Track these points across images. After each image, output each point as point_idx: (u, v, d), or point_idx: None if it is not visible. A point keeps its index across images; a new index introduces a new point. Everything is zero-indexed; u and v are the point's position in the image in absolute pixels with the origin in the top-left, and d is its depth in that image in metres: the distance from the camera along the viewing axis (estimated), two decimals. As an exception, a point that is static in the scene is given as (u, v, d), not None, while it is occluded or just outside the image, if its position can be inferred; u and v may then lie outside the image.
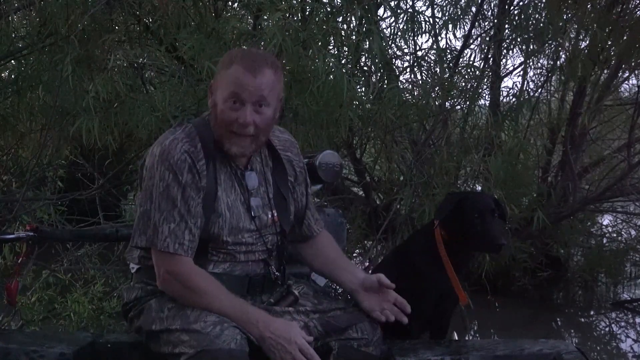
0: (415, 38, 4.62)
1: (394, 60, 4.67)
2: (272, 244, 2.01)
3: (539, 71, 4.92)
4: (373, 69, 4.46)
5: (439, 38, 4.55)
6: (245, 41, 3.77)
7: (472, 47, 4.83)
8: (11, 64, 4.22)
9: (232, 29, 3.68)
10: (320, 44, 3.47)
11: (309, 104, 3.52)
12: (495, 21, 4.74)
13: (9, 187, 4.46)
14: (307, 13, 3.89)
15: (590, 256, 5.57)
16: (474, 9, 4.76)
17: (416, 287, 2.26)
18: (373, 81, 4.40)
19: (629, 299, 5.40)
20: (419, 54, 4.69)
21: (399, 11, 4.13)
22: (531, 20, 4.37)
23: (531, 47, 4.60)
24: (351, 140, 4.83)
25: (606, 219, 6.25)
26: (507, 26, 4.64)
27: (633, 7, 4.61)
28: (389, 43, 4.31)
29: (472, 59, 4.78)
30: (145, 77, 4.31)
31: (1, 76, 4.41)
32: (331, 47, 3.77)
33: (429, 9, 4.56)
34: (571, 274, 5.62)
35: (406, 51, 4.71)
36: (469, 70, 4.56)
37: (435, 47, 4.55)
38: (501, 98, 4.80)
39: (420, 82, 4.71)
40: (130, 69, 4.14)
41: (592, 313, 5.39)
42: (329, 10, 3.76)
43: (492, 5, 4.93)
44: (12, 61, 4.16)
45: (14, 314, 3.68)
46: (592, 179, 5.51)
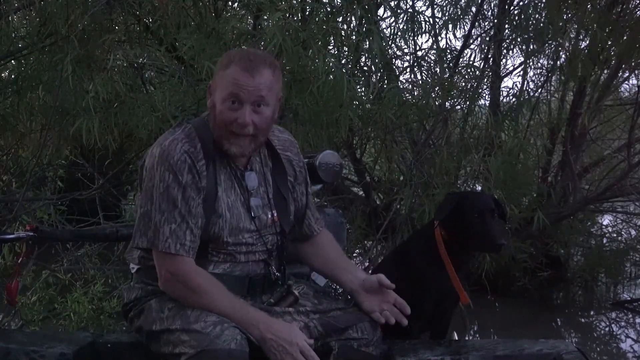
0: (415, 38, 4.62)
1: (394, 60, 4.67)
2: (272, 244, 2.01)
3: (539, 71, 4.92)
4: (373, 69, 4.46)
5: (439, 38, 4.55)
6: (245, 41, 3.77)
7: (472, 47, 4.83)
8: (11, 64, 4.22)
9: (232, 29, 3.68)
10: (320, 44, 3.47)
11: (309, 104, 3.52)
12: (495, 21, 4.74)
13: (9, 187, 4.46)
14: (307, 13, 3.89)
15: (590, 256, 5.55)
16: (474, 9, 4.77)
17: (416, 287, 2.26)
18: (373, 81, 4.40)
19: (629, 299, 5.40)
20: (419, 54, 4.69)
21: (399, 11, 4.13)
22: (531, 20, 4.37)
23: (531, 47, 4.60)
24: (351, 140, 4.83)
25: (606, 219, 6.24)
26: (507, 26, 4.64)
27: (633, 7, 4.61)
28: (389, 43, 4.31)
29: (472, 59, 4.78)
30: (145, 77, 4.31)
31: (1, 76, 4.41)
32: (331, 47, 3.77)
33: (429, 9, 4.57)
34: (571, 274, 5.61)
35: (406, 51, 4.72)
36: (469, 70, 4.55)
37: (435, 47, 4.55)
38: (501, 98, 4.80)
39: (420, 82, 4.71)
40: (130, 69, 4.14)
41: (592, 313, 5.38)
42: (329, 10, 3.76)
43: (492, 5, 4.93)
44: (12, 61, 4.15)
45: (14, 314, 3.67)
46: (592, 179, 5.50)
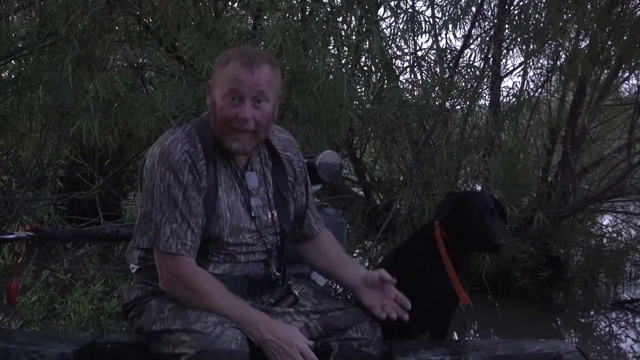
0: (415, 38, 4.63)
1: (394, 60, 4.67)
2: (272, 245, 2.01)
3: (539, 71, 4.93)
4: (373, 69, 4.46)
5: (439, 38, 4.55)
6: (245, 41, 3.77)
7: (472, 47, 4.83)
8: (11, 64, 4.23)
9: (232, 29, 3.69)
10: (320, 44, 3.47)
11: (309, 104, 3.52)
12: (495, 21, 4.74)
13: (9, 187, 4.46)
14: (307, 13, 3.89)
15: (590, 256, 5.55)
16: (474, 9, 4.77)
17: (416, 287, 2.25)
18: (373, 81, 4.40)
19: (629, 299, 5.40)
20: (419, 54, 4.70)
21: (399, 11, 4.13)
22: (531, 20, 4.37)
23: (531, 47, 4.61)
24: (351, 140, 4.83)
25: (606, 219, 6.24)
26: (507, 26, 4.65)
27: (633, 7, 4.61)
28: (389, 43, 4.31)
29: (472, 59, 4.79)
30: (145, 77, 4.32)
31: (1, 76, 4.41)
32: (331, 47, 3.77)
33: (429, 9, 4.57)
34: (571, 274, 5.61)
35: (406, 51, 4.72)
36: (469, 70, 4.56)
37: (435, 47, 4.55)
38: (501, 98, 4.81)
39: (420, 82, 4.71)
40: (130, 69, 4.15)
41: (592, 313, 5.38)
42: (329, 10, 3.76)
43: (492, 5, 4.94)
44: (12, 61, 4.16)
45: (14, 314, 3.67)
46: (592, 179, 5.50)
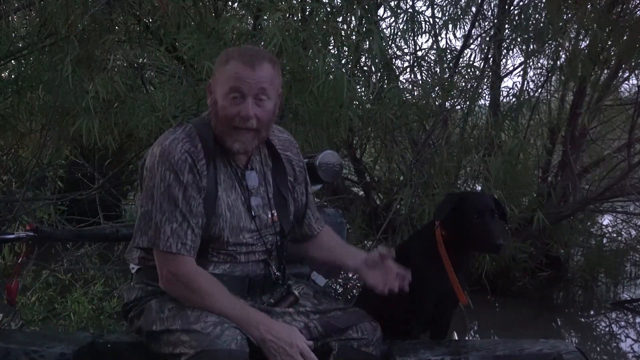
0: (415, 38, 4.64)
1: (394, 60, 4.68)
2: (272, 244, 2.01)
3: (539, 71, 4.94)
4: (373, 69, 4.46)
5: (439, 38, 4.56)
6: (245, 41, 3.77)
7: (472, 47, 4.84)
8: (11, 64, 4.23)
9: (232, 29, 3.69)
10: (320, 44, 3.47)
11: (309, 104, 3.52)
12: (495, 21, 4.75)
13: (9, 187, 4.46)
14: (307, 13, 3.89)
15: (590, 256, 5.56)
16: (474, 9, 4.77)
17: (416, 287, 2.25)
18: (373, 81, 4.40)
19: (629, 299, 5.40)
20: (419, 54, 4.70)
21: (399, 11, 4.13)
22: (531, 20, 4.37)
23: (531, 47, 4.61)
24: (351, 140, 4.84)
25: (606, 219, 6.24)
26: (507, 26, 4.65)
27: (633, 7, 4.61)
28: (389, 43, 4.31)
29: (472, 59, 4.79)
30: (145, 77, 4.32)
31: (1, 76, 4.41)
32: (331, 47, 3.77)
33: (429, 9, 4.58)
34: (571, 274, 5.61)
35: (406, 51, 4.73)
36: (469, 70, 4.56)
37: (435, 47, 4.56)
38: (501, 98, 4.81)
39: (420, 82, 4.72)
40: (130, 69, 4.14)
41: (592, 313, 5.38)
42: (329, 10, 3.76)
43: (492, 5, 4.94)
44: (12, 61, 4.16)
45: (14, 314, 3.68)
46: (592, 179, 5.50)
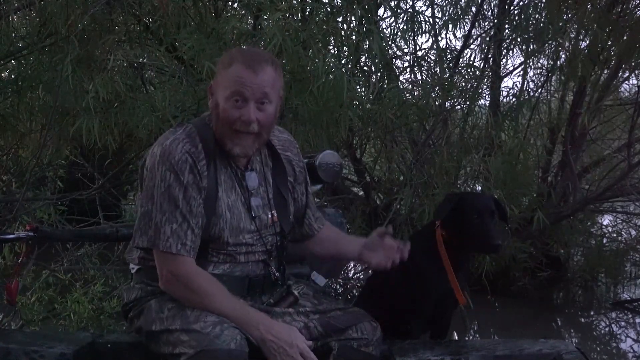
0: (415, 38, 4.64)
1: (394, 60, 4.68)
2: (272, 245, 2.01)
3: (539, 71, 4.94)
4: (373, 69, 4.46)
5: (439, 38, 4.56)
6: (245, 41, 3.77)
7: (472, 47, 4.84)
8: (11, 64, 4.23)
9: (232, 29, 3.68)
10: (320, 44, 3.47)
11: (309, 104, 3.52)
12: (495, 21, 4.75)
13: (9, 187, 4.46)
14: (307, 13, 3.89)
15: (590, 256, 5.55)
16: (474, 9, 4.77)
17: (417, 287, 2.26)
18: (373, 81, 4.40)
19: (629, 299, 5.39)
20: (419, 54, 4.70)
21: (399, 11, 4.14)
22: (531, 20, 4.37)
23: (531, 47, 4.61)
24: (351, 140, 4.84)
25: (606, 219, 6.24)
26: (507, 26, 4.65)
27: (633, 7, 4.61)
28: (389, 43, 4.31)
29: (472, 59, 4.79)
30: (145, 77, 4.32)
31: (1, 76, 4.41)
32: (331, 47, 3.77)
33: (429, 9, 4.58)
34: (571, 274, 5.61)
35: (406, 51, 4.73)
36: (469, 70, 4.56)
37: (435, 47, 4.56)
38: (501, 98, 4.81)
39: (420, 82, 4.72)
40: (130, 69, 4.14)
41: (592, 313, 5.38)
42: (329, 10, 3.76)
43: (492, 5, 4.94)
44: (12, 61, 4.16)
45: (14, 314, 3.68)
46: (592, 179, 5.50)
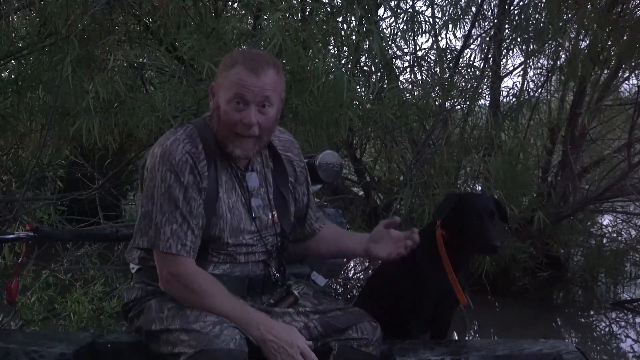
0: (415, 38, 4.64)
1: (394, 60, 4.68)
2: (272, 245, 2.01)
3: (539, 71, 4.94)
4: (373, 69, 4.47)
5: (439, 38, 4.57)
6: (245, 41, 3.78)
7: (472, 47, 4.84)
8: (11, 64, 4.23)
9: (232, 29, 3.69)
10: (320, 44, 3.47)
11: (309, 104, 3.52)
12: (495, 21, 4.75)
13: (9, 187, 4.46)
14: (307, 13, 3.89)
15: (590, 256, 5.56)
16: (474, 9, 4.77)
17: (417, 287, 2.25)
18: (373, 81, 4.40)
19: (629, 299, 5.40)
20: (419, 54, 4.71)
21: (399, 11, 4.14)
22: (531, 20, 4.37)
23: (531, 47, 4.61)
24: (351, 140, 4.84)
25: (606, 219, 6.25)
26: (507, 26, 4.65)
27: (633, 7, 4.62)
28: (389, 43, 4.31)
29: (472, 59, 4.80)
30: (145, 77, 4.32)
31: (1, 76, 4.41)
32: (331, 47, 3.77)
33: (429, 9, 4.58)
34: (571, 274, 5.61)
35: (406, 51, 4.73)
36: (469, 70, 4.57)
37: (435, 47, 4.56)
38: (501, 98, 4.81)
39: (420, 82, 4.72)
40: (130, 69, 4.14)
41: (592, 313, 5.38)
42: (329, 10, 3.76)
43: (492, 5, 4.95)
44: (12, 61, 4.16)
45: (14, 314, 3.68)
46: (592, 179, 5.51)
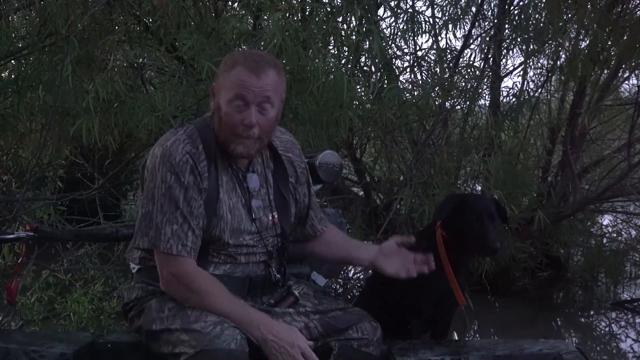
0: (415, 38, 4.63)
1: (394, 60, 4.67)
2: (273, 246, 2.01)
3: (539, 71, 4.94)
4: (373, 69, 4.46)
5: (439, 38, 4.56)
6: (245, 41, 3.77)
7: (472, 47, 4.84)
8: (11, 64, 4.23)
9: (232, 29, 3.69)
10: (320, 44, 3.47)
11: (309, 104, 3.52)
12: (495, 21, 4.74)
13: (9, 187, 4.46)
14: (307, 13, 3.89)
15: (590, 256, 5.55)
16: (474, 9, 4.77)
17: (417, 287, 2.25)
18: (373, 81, 4.40)
19: (629, 299, 5.39)
20: (419, 54, 4.70)
21: (399, 11, 4.13)
22: (531, 20, 4.37)
23: (531, 47, 4.61)
24: (351, 140, 4.83)
25: (606, 219, 6.24)
26: (507, 26, 4.65)
27: (633, 7, 4.61)
28: (389, 43, 4.31)
29: (472, 59, 4.79)
30: (145, 77, 4.31)
31: (1, 76, 4.41)
32: (331, 47, 3.77)
33: (429, 9, 4.58)
34: (571, 274, 5.61)
35: (406, 51, 4.72)
36: (469, 70, 4.56)
37: (435, 47, 4.56)
38: (501, 98, 4.81)
39: (420, 82, 4.71)
40: (130, 69, 4.14)
41: (592, 313, 5.38)
42: (329, 10, 3.76)
43: (492, 5, 4.94)
44: (12, 61, 4.16)
45: (14, 314, 3.68)
46: (592, 179, 5.50)
